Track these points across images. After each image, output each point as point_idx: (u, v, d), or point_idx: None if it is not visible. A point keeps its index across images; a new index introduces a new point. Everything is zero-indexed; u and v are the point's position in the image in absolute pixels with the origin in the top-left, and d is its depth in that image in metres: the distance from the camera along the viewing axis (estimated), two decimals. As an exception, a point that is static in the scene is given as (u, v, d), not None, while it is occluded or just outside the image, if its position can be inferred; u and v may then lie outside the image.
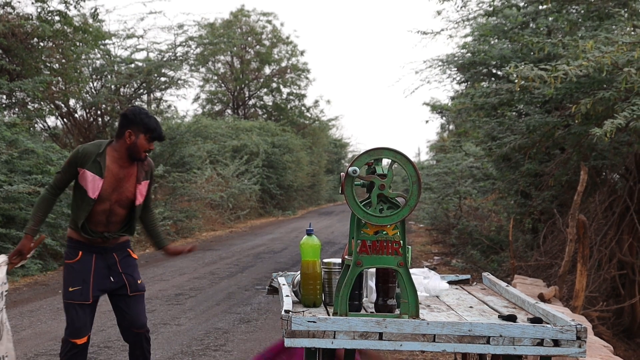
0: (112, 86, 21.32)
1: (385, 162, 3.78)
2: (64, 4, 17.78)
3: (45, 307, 10.38)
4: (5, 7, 17.47)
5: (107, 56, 21.66)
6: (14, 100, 17.68)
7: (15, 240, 12.75)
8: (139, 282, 5.80)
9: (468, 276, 5.18)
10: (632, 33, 9.19)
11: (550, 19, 12.02)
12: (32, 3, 17.64)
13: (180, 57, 22.56)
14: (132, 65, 21.48)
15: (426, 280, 4.57)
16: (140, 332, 5.74)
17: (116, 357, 8.13)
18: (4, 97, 17.35)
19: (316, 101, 50.36)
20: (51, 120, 21.23)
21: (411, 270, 3.77)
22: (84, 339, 5.50)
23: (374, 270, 3.95)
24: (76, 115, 21.31)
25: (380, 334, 3.47)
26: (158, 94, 23.58)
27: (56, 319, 9.63)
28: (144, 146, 5.53)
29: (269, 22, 46.09)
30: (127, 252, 5.75)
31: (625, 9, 10.18)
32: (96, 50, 20.76)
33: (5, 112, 17.08)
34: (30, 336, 8.98)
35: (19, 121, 15.83)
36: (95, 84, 21.47)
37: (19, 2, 23.21)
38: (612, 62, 8.02)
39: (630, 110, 7.90)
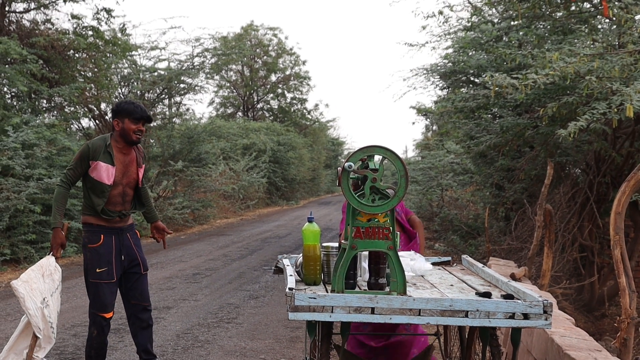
0: (138, 92, 21.30)
1: (377, 158, 3.77)
2: (97, 20, 17.82)
3: (81, 284, 10.36)
4: (46, 24, 17.47)
5: (133, 66, 21.64)
6: (53, 105, 17.71)
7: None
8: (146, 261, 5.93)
9: (449, 258, 5.19)
10: (592, 46, 9.17)
11: (521, 33, 11.98)
12: (69, 20, 17.67)
13: (197, 66, 22.52)
14: (155, 74, 21.45)
15: (412, 262, 4.57)
16: (146, 305, 5.82)
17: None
18: (45, 101, 17.37)
19: (316, 105, 50.42)
20: (85, 122, 21.25)
21: (399, 253, 3.77)
22: (111, 313, 5.57)
23: (367, 253, 3.95)
24: (107, 117, 21.29)
25: (373, 309, 3.47)
26: (178, 99, 23.53)
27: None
28: (131, 127, 5.62)
29: (275, 35, 46.10)
30: (135, 231, 5.83)
31: (586, 25, 10.17)
32: (124, 60, 20.74)
33: (46, 115, 17.10)
34: (67, 309, 8.98)
35: (57, 122, 15.85)
36: (123, 90, 21.46)
37: (58, 18, 23.23)
38: (574, 71, 8.01)
39: (591, 114, 7.88)
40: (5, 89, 15.94)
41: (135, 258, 5.73)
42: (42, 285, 5.06)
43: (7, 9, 16.71)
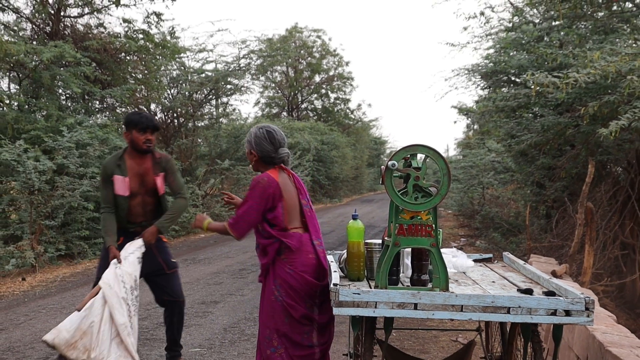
0: (186, 93, 21.48)
1: (420, 156, 3.76)
2: (147, 24, 18.02)
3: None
4: (99, 28, 17.71)
5: (182, 67, 21.84)
6: (105, 105, 17.97)
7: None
8: (172, 260, 6.01)
9: (490, 255, 5.15)
10: (634, 45, 9.04)
11: (562, 33, 11.85)
12: (120, 24, 17.93)
13: (244, 68, 22.63)
14: (203, 75, 21.61)
15: (454, 259, 4.55)
16: (177, 300, 5.94)
17: (190, 322, 8.20)
18: (97, 102, 17.63)
19: (359, 105, 50.39)
20: (136, 122, 21.42)
21: (442, 250, 3.75)
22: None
23: (409, 249, 3.94)
24: (156, 117, 21.51)
25: (415, 305, 3.46)
26: (225, 99, 23.68)
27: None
28: (139, 138, 5.71)
29: (319, 37, 46.12)
30: (159, 237, 5.84)
31: (628, 25, 10.03)
32: (173, 62, 20.93)
33: (98, 115, 17.36)
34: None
35: (109, 123, 16.09)
36: (172, 91, 21.65)
37: (110, 23, 23.55)
38: (616, 70, 7.90)
39: (632, 112, 7.77)
40: (60, 91, 16.21)
41: (157, 262, 5.85)
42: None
43: (62, 14, 16.97)
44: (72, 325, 5.00)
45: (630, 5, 10.76)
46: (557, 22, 11.59)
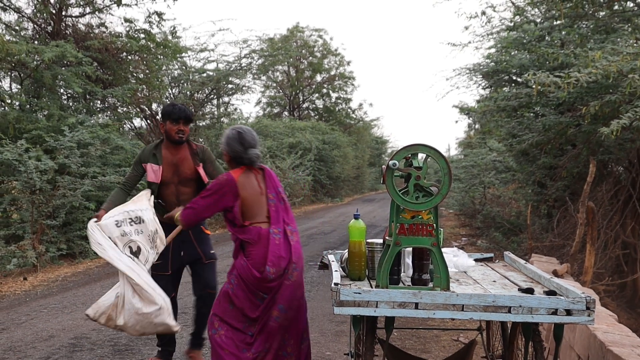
0: (188, 92, 21.50)
1: (421, 156, 3.76)
2: (148, 24, 18.01)
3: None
4: (100, 27, 17.72)
5: (183, 67, 21.87)
6: (106, 105, 17.97)
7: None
8: (211, 252, 6.13)
9: (491, 255, 5.15)
10: (635, 45, 9.03)
11: (563, 32, 11.84)
12: (122, 23, 17.93)
13: (245, 67, 22.66)
14: (204, 75, 21.64)
15: (455, 258, 4.55)
16: (210, 292, 6.00)
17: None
18: (99, 102, 17.63)
19: (360, 104, 50.44)
20: (137, 122, 21.54)
21: (442, 250, 3.75)
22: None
23: (410, 249, 3.94)
24: (157, 117, 21.53)
25: (416, 304, 3.46)
26: (226, 99, 23.71)
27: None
28: (172, 129, 5.88)
29: (320, 36, 46.07)
30: (200, 228, 5.98)
31: (629, 24, 10.02)
32: (174, 62, 20.95)
33: (100, 115, 17.36)
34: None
35: (110, 122, 16.10)
36: (173, 91, 21.68)
37: (111, 22, 23.57)
38: (617, 69, 7.89)
39: (634, 112, 7.77)
40: (61, 91, 16.22)
41: (196, 252, 5.99)
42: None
43: (63, 13, 16.98)
44: (108, 300, 5.09)
45: (632, 4, 10.76)
46: (558, 22, 11.58)
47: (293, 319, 4.75)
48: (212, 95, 22.66)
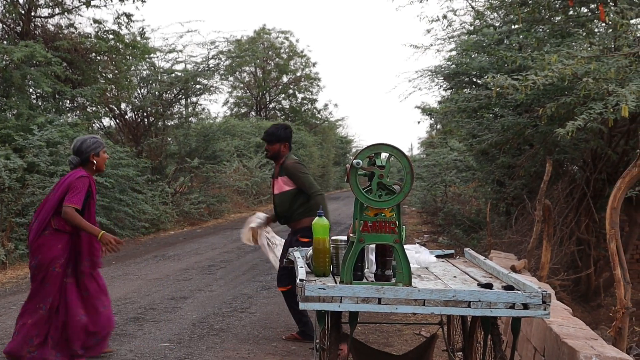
0: (156, 92, 21.33)
1: (384, 155, 3.77)
2: (117, 25, 17.83)
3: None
4: (70, 28, 17.52)
5: (152, 67, 21.69)
6: (75, 105, 17.76)
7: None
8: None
9: (452, 251, 5.19)
10: (589, 49, 9.12)
11: (521, 36, 11.95)
12: (91, 24, 17.72)
13: (213, 68, 22.52)
14: (173, 75, 21.49)
15: (417, 255, 4.57)
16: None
17: (159, 317, 8.16)
18: (68, 101, 17.41)
19: (326, 105, 50.28)
20: (106, 121, 21.37)
21: (405, 246, 3.77)
22: (285, 287, 6.91)
23: (374, 246, 3.95)
24: (127, 116, 21.38)
25: (379, 299, 3.47)
26: (194, 99, 23.54)
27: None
28: (266, 147, 7.10)
29: (287, 38, 46.01)
30: (297, 236, 6.90)
31: (583, 29, 10.11)
32: (143, 62, 20.78)
33: (69, 114, 17.15)
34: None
35: (79, 122, 15.91)
36: (142, 91, 21.49)
37: (80, 23, 23.29)
38: (572, 73, 7.97)
39: (588, 113, 7.86)
40: (30, 90, 15.99)
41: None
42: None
43: (32, 14, 16.75)
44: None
45: (586, 10, 10.88)
46: (516, 26, 11.66)
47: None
48: (180, 96, 22.50)
